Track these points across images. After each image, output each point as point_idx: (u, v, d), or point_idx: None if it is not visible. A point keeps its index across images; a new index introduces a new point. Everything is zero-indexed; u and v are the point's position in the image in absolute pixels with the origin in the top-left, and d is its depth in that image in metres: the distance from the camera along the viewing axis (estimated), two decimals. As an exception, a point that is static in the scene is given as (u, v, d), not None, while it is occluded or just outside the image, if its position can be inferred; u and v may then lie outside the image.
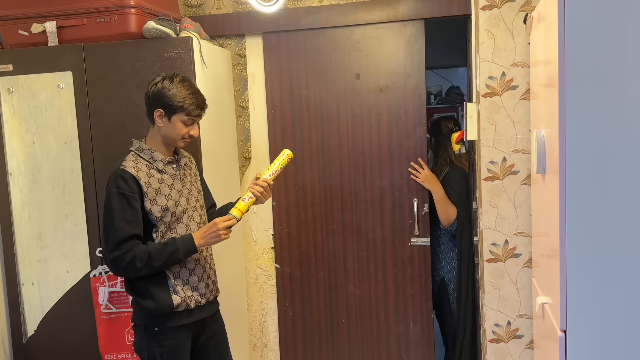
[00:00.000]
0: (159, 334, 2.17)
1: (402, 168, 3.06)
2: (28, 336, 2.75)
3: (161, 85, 2.14)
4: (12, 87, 2.64)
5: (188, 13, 3.19)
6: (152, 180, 2.15)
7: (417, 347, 3.14)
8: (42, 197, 2.67)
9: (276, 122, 3.17)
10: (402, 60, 3.03)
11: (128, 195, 2.09)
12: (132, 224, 2.09)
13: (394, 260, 3.12)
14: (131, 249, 2.08)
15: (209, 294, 2.28)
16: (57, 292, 2.71)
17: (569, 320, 1.59)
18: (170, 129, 2.17)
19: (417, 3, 2.92)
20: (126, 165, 2.13)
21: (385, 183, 3.09)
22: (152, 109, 2.17)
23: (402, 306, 3.13)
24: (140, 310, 2.19)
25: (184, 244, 2.13)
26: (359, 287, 3.18)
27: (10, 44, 2.70)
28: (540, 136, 1.85)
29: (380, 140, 3.07)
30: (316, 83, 3.11)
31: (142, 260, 2.08)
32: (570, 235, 1.57)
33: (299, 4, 3.05)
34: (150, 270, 2.11)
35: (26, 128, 2.66)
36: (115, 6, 2.58)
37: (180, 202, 2.21)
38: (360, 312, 3.19)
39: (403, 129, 3.04)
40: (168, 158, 2.22)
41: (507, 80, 2.39)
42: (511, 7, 2.36)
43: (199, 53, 2.61)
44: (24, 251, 2.71)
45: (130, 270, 2.10)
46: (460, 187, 3.00)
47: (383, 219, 3.11)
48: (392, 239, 3.11)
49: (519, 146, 2.40)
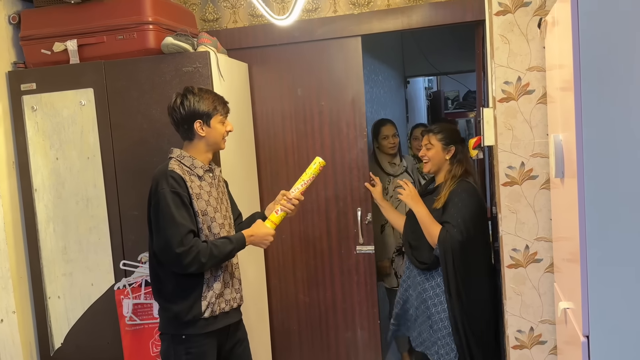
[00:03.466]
0: (186, 342, 2.21)
1: (345, 179, 3.17)
2: (55, 349, 2.79)
3: (190, 101, 2.24)
4: (35, 105, 2.71)
5: (205, 27, 3.24)
6: (194, 185, 2.23)
7: (365, 353, 3.21)
8: (66, 211, 2.73)
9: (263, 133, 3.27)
10: (342, 75, 3.11)
11: (181, 194, 2.17)
12: (188, 220, 2.17)
13: (341, 268, 3.21)
14: (194, 244, 2.15)
15: (233, 302, 2.32)
16: (82, 305, 2.76)
17: (591, 326, 1.58)
18: (213, 133, 2.28)
19: (430, 10, 2.93)
20: (174, 168, 2.21)
21: (330, 193, 3.18)
22: (191, 123, 2.25)
23: (350, 313, 3.22)
24: (168, 318, 2.24)
25: (238, 243, 2.25)
26: (308, 295, 3.26)
27: (34, 63, 2.77)
28: (558, 140, 1.84)
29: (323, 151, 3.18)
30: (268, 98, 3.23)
31: (206, 255, 2.15)
32: (590, 239, 1.56)
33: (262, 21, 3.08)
34: (212, 265, 2.21)
35: (50, 144, 2.72)
36: (134, 23, 2.64)
37: (219, 208, 2.30)
38: (310, 319, 3.27)
39: (345, 141, 3.15)
40: (207, 166, 2.31)
41: (523, 84, 2.38)
42: (525, 11, 2.35)
43: (217, 67, 2.65)
44: (50, 265, 2.76)
45: (195, 265, 2.15)
46: (466, 207, 2.64)
47: (329, 228, 3.21)
48: (338, 248, 3.21)
49: (537, 150, 2.39)
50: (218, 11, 3.24)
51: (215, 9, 3.24)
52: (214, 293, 2.24)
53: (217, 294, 2.24)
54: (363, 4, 3.05)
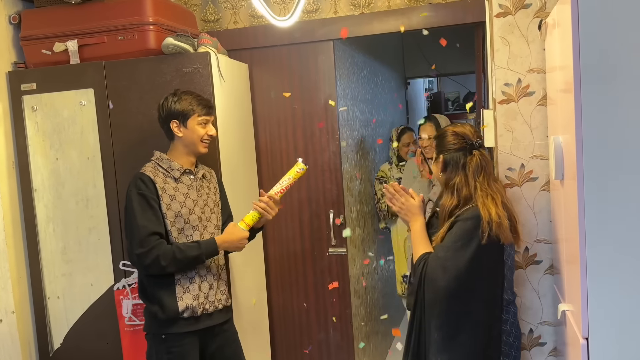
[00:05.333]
0: (166, 341, 2.25)
1: (317, 181, 3.17)
2: (54, 349, 2.79)
3: (168, 101, 2.31)
4: (36, 105, 2.71)
5: (205, 28, 3.24)
6: (168, 187, 2.26)
7: (338, 354, 3.22)
8: (66, 212, 2.73)
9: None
10: (314, 78, 3.12)
11: (147, 195, 2.21)
12: (153, 222, 2.19)
13: (314, 270, 3.23)
14: (155, 246, 2.17)
15: (218, 303, 2.33)
16: (82, 305, 2.75)
17: (590, 327, 1.58)
18: (190, 134, 2.31)
19: (431, 12, 2.93)
20: (145, 170, 2.27)
21: (303, 195, 3.19)
22: (168, 123, 2.30)
23: (323, 314, 3.23)
24: (150, 317, 2.28)
25: (207, 248, 2.24)
26: (282, 296, 3.27)
27: (34, 63, 2.77)
28: (558, 142, 1.84)
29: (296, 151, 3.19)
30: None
31: (167, 258, 2.17)
32: (590, 240, 1.56)
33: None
34: (175, 269, 2.21)
35: (50, 145, 2.72)
36: (135, 24, 2.64)
37: (194, 210, 2.30)
38: (284, 321, 3.28)
39: (318, 144, 3.16)
40: (185, 168, 2.32)
41: (523, 86, 2.39)
42: (525, 13, 2.35)
43: (217, 67, 2.65)
44: (49, 265, 2.76)
45: (155, 268, 2.18)
46: (466, 235, 1.92)
47: (302, 230, 3.22)
48: (311, 249, 3.23)
49: (537, 152, 2.39)
50: (219, 12, 3.24)
51: (215, 10, 3.24)
52: (192, 294, 2.25)
53: (195, 295, 2.26)
54: (364, 5, 3.05)
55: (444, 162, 2.04)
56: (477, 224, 1.89)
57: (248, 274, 2.97)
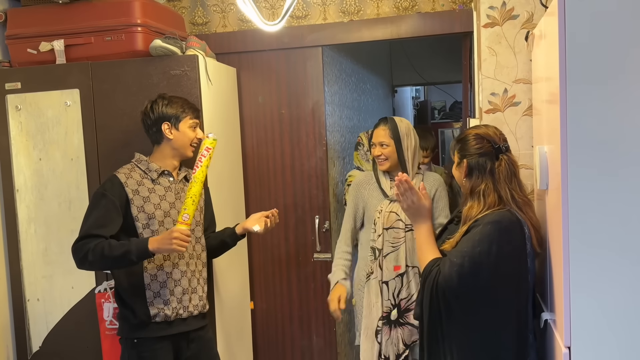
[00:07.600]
0: (138, 346, 2.24)
1: (304, 186, 3.18)
2: (33, 352, 2.75)
3: (158, 104, 2.30)
4: (20, 104, 2.68)
5: (194, 31, 3.23)
6: (142, 189, 2.25)
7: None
8: (48, 213, 2.69)
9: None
10: (303, 84, 3.14)
11: (109, 197, 2.19)
12: (101, 226, 2.17)
13: (298, 276, 3.23)
14: (89, 242, 2.14)
15: (194, 309, 2.31)
16: (62, 308, 2.72)
17: (572, 337, 1.59)
18: (181, 137, 2.31)
19: (419, 21, 2.96)
20: (119, 172, 2.27)
21: (289, 201, 3.20)
22: (159, 125, 2.29)
23: (306, 320, 3.23)
24: (122, 321, 2.27)
25: (138, 246, 2.12)
26: (265, 302, 3.27)
27: (19, 62, 2.74)
28: (543, 152, 1.85)
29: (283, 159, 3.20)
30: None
31: (96, 253, 2.12)
32: (573, 250, 1.57)
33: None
34: (103, 266, 2.22)
35: (33, 145, 2.68)
36: (122, 25, 2.63)
37: (170, 213, 2.28)
38: (267, 326, 3.28)
39: (304, 149, 3.17)
40: (164, 169, 2.31)
41: (509, 96, 2.41)
42: (513, 24, 2.38)
43: (205, 70, 2.64)
44: (30, 267, 2.72)
45: (85, 264, 2.17)
46: (486, 240, 1.78)
47: (287, 235, 3.22)
48: (296, 255, 3.23)
49: (522, 162, 2.41)
50: (207, 15, 3.24)
51: (204, 13, 3.24)
52: (163, 299, 2.23)
53: (166, 299, 2.23)
54: (353, 12, 3.06)
55: (468, 168, 1.91)
56: (498, 228, 1.77)
57: (232, 279, 2.95)
